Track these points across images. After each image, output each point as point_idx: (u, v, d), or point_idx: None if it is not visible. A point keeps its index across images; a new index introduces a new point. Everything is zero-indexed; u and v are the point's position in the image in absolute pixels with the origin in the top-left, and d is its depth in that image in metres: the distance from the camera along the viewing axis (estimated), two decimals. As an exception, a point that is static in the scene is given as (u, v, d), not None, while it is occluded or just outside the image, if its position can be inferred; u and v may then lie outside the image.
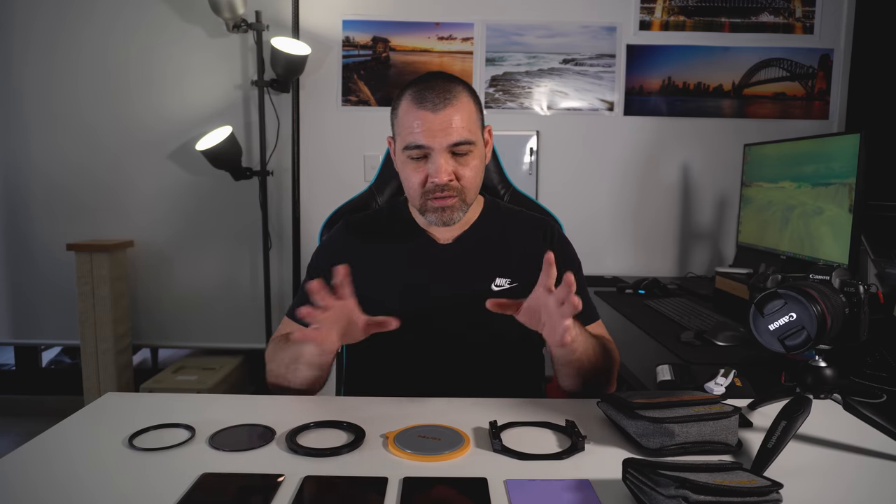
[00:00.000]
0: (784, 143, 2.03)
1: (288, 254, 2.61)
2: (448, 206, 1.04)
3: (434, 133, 1.00)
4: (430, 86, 1.03)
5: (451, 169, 1.02)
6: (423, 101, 1.01)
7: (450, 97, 1.02)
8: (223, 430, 0.85)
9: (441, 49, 2.54)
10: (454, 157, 1.03)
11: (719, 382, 1.14)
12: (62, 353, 3.06)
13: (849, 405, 0.85)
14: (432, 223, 1.07)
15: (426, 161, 1.03)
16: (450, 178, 1.02)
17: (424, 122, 1.01)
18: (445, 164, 1.01)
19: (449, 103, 1.01)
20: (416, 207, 1.08)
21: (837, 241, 1.68)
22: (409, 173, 1.05)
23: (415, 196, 1.06)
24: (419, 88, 1.03)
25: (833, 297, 0.78)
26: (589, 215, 2.62)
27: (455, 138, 1.01)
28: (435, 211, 1.04)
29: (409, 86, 1.05)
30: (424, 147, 1.01)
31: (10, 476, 0.73)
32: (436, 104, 1.01)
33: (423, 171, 1.03)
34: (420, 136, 1.01)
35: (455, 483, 0.72)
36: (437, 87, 1.02)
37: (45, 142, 2.55)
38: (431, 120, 1.00)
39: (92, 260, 2.37)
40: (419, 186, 1.04)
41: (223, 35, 2.49)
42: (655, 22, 2.55)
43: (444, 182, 1.02)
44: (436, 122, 1.00)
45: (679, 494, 0.61)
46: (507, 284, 1.11)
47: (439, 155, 1.01)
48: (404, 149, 1.04)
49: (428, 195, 1.04)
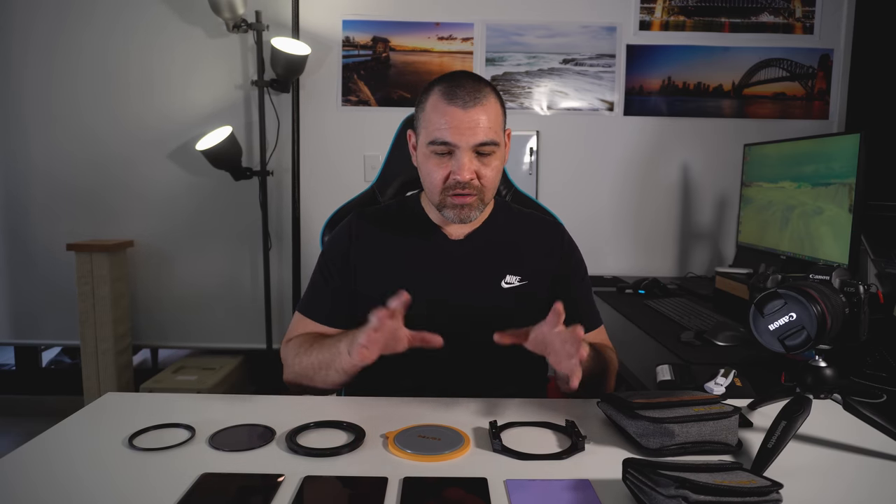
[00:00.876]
0: (784, 143, 2.03)
1: (288, 254, 2.61)
2: (467, 203, 1.05)
3: (462, 131, 1.01)
4: (460, 84, 1.03)
5: (474, 168, 1.03)
6: (453, 97, 1.02)
7: (479, 97, 1.03)
8: (223, 430, 0.85)
9: (441, 49, 2.54)
10: (478, 156, 1.04)
11: (719, 382, 1.14)
12: (62, 353, 3.06)
13: (849, 405, 0.85)
14: (450, 219, 1.07)
15: (450, 157, 1.04)
16: (472, 176, 1.03)
17: (453, 119, 1.01)
18: (469, 163, 1.02)
19: (479, 102, 1.02)
20: (435, 203, 1.09)
21: (837, 241, 1.68)
22: (432, 168, 1.05)
23: (434, 191, 1.07)
24: (450, 85, 1.04)
25: (833, 297, 0.78)
26: (589, 215, 2.62)
27: (481, 138, 1.02)
28: (454, 208, 1.05)
29: (438, 82, 1.06)
30: (451, 144, 1.02)
31: (10, 476, 0.73)
32: (466, 102, 1.02)
33: (447, 168, 1.04)
34: (447, 132, 1.02)
35: (455, 483, 0.72)
36: (468, 86, 1.03)
37: (45, 142, 2.54)
38: (461, 118, 1.01)
39: (92, 260, 2.37)
40: (441, 182, 1.05)
41: (223, 35, 2.49)
42: (655, 22, 2.55)
43: (467, 180, 1.03)
44: (464, 120, 1.01)
45: (679, 494, 0.61)
46: (517, 282, 1.12)
47: (464, 153, 1.02)
48: (429, 143, 1.04)
49: (448, 191, 1.05)
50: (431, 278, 1.11)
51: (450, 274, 1.11)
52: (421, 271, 1.12)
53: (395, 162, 1.36)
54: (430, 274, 1.11)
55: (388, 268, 1.12)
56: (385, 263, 1.13)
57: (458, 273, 1.11)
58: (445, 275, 1.11)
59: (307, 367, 1.04)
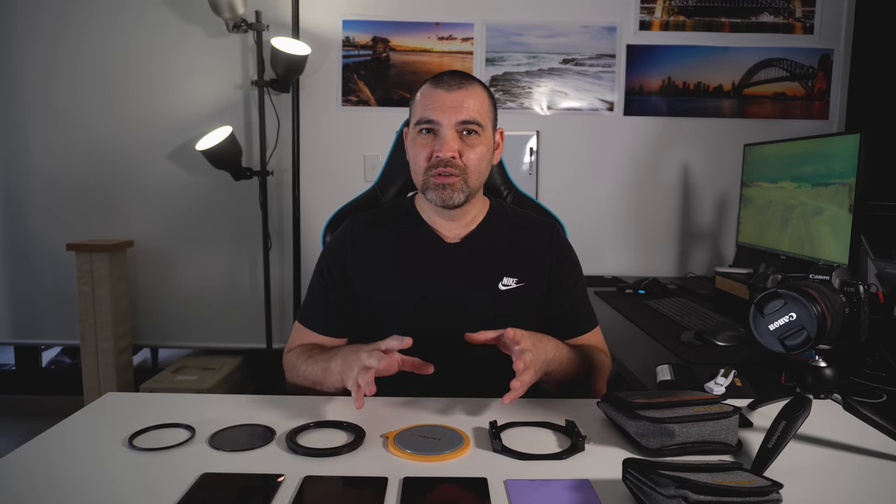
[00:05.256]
0: (784, 143, 2.03)
1: (288, 254, 2.61)
2: (449, 183, 1.05)
3: (444, 109, 1.04)
4: (448, 73, 1.09)
5: (457, 147, 1.05)
6: (439, 82, 1.07)
7: (465, 83, 1.07)
8: (223, 430, 0.85)
9: (441, 49, 2.54)
10: (462, 137, 1.06)
11: (719, 382, 1.14)
12: (62, 353, 3.05)
13: (849, 405, 0.85)
14: (433, 202, 1.07)
15: (434, 137, 1.06)
16: (454, 154, 1.04)
17: (438, 99, 1.05)
18: (452, 141, 1.04)
19: (463, 87, 1.06)
20: (419, 185, 1.10)
21: (837, 241, 1.68)
22: (417, 149, 1.08)
23: (419, 172, 1.08)
24: (439, 75, 1.09)
25: (833, 297, 0.78)
26: (589, 215, 2.61)
27: (464, 116, 1.04)
28: (436, 188, 1.06)
29: (430, 77, 1.10)
30: (434, 122, 1.05)
31: (10, 476, 0.73)
32: (451, 86, 1.06)
33: (430, 147, 1.06)
34: (431, 111, 1.05)
35: (455, 483, 0.72)
36: (455, 75, 1.08)
37: (46, 142, 2.54)
38: (444, 98, 1.05)
39: (92, 260, 2.37)
40: (424, 162, 1.06)
41: (223, 35, 2.49)
42: (655, 22, 2.55)
43: (448, 157, 1.04)
44: (448, 99, 1.05)
45: (679, 494, 0.61)
46: (514, 284, 1.12)
47: (447, 130, 1.04)
48: (416, 124, 1.07)
49: (431, 170, 1.06)
50: (428, 281, 1.11)
51: (446, 277, 1.11)
52: (417, 275, 1.11)
53: (396, 162, 1.35)
54: (427, 277, 1.11)
55: (385, 272, 1.12)
56: (382, 268, 1.13)
57: (455, 276, 1.11)
58: (442, 278, 1.11)
59: (303, 380, 1.06)
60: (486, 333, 0.95)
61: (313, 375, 1.04)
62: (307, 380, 1.06)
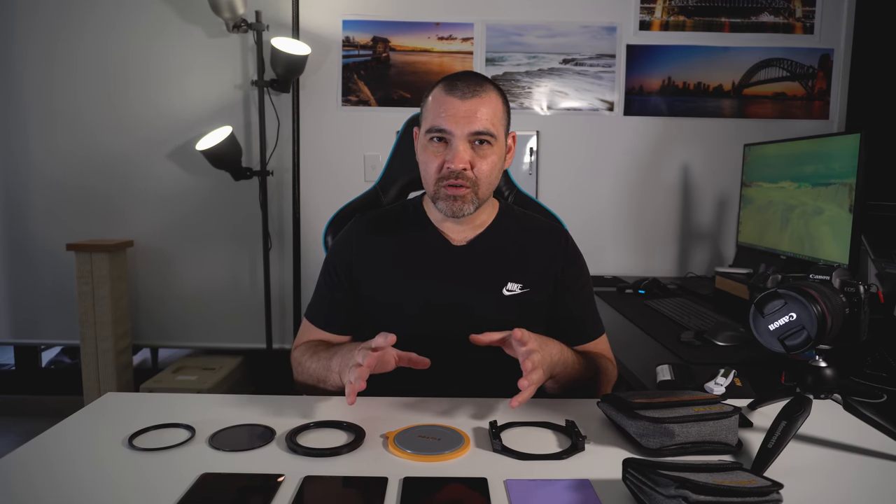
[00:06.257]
0: (784, 143, 2.03)
1: (288, 254, 2.61)
2: (460, 195, 1.04)
3: (458, 119, 1.02)
4: (462, 77, 1.05)
5: (469, 158, 1.03)
6: (453, 89, 1.04)
7: (479, 90, 1.04)
8: (223, 430, 0.85)
9: (441, 49, 2.54)
10: (474, 147, 1.04)
11: (719, 382, 1.14)
12: (62, 353, 3.05)
13: (849, 405, 0.85)
14: (443, 212, 1.07)
15: (446, 147, 1.04)
16: (465, 165, 1.03)
17: (451, 107, 1.02)
18: (463, 152, 1.02)
19: (477, 95, 1.03)
20: (430, 195, 1.09)
21: (837, 241, 1.68)
22: (428, 157, 1.06)
23: (430, 181, 1.07)
24: (452, 79, 1.06)
25: (833, 297, 0.78)
26: (589, 215, 2.61)
27: (477, 127, 1.02)
28: (447, 199, 1.05)
29: (444, 78, 1.08)
30: (446, 132, 1.03)
31: (10, 476, 0.73)
32: (465, 93, 1.03)
33: (441, 157, 1.04)
34: (444, 120, 1.02)
35: (455, 483, 0.72)
36: (469, 80, 1.05)
37: (45, 142, 2.54)
38: (458, 107, 1.02)
39: (92, 260, 2.37)
40: (435, 172, 1.05)
41: (223, 35, 2.49)
42: (655, 22, 2.55)
43: (459, 169, 1.02)
44: (461, 108, 1.02)
45: (679, 494, 0.61)
46: (519, 289, 1.11)
47: (459, 141, 1.02)
48: (427, 132, 1.05)
49: (442, 181, 1.05)
50: (432, 284, 1.11)
51: (451, 280, 1.11)
52: (423, 277, 1.11)
53: (398, 162, 1.35)
54: (432, 280, 1.11)
55: (391, 273, 1.12)
56: (388, 269, 1.12)
57: (460, 279, 1.11)
58: (446, 281, 1.11)
59: (308, 378, 1.08)
60: (491, 335, 0.95)
61: (317, 373, 1.05)
62: (312, 377, 1.06)
